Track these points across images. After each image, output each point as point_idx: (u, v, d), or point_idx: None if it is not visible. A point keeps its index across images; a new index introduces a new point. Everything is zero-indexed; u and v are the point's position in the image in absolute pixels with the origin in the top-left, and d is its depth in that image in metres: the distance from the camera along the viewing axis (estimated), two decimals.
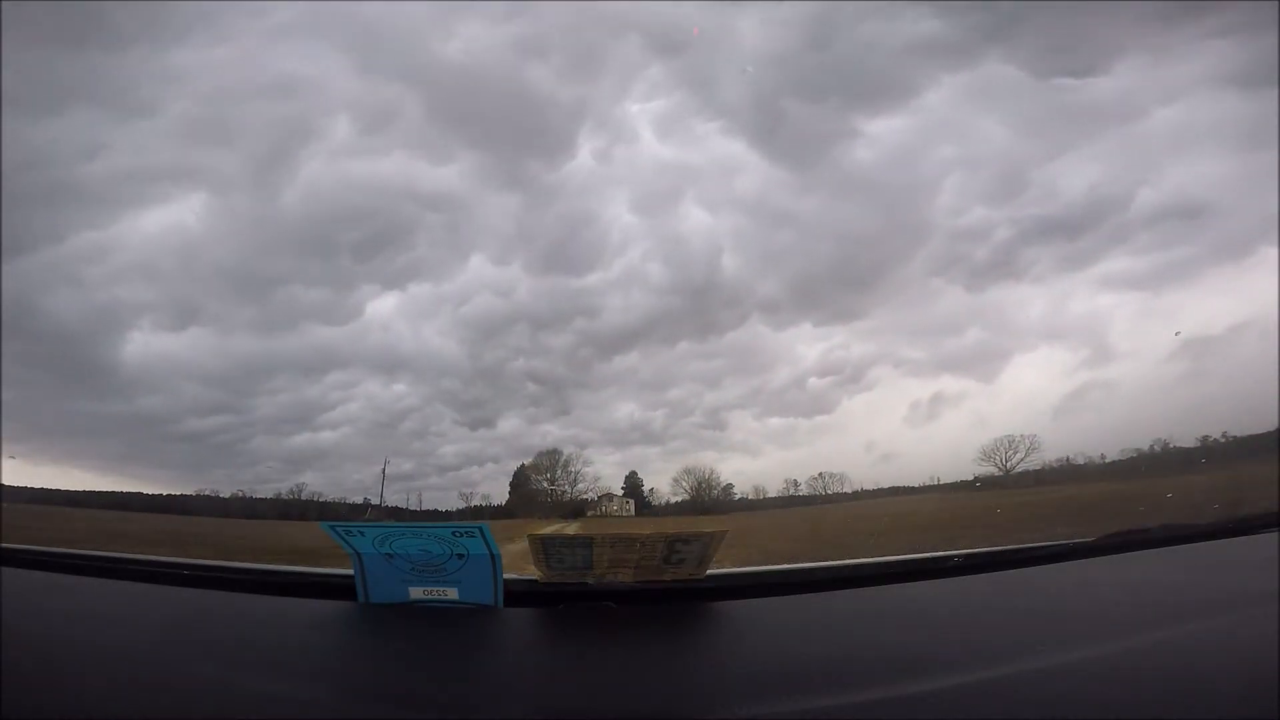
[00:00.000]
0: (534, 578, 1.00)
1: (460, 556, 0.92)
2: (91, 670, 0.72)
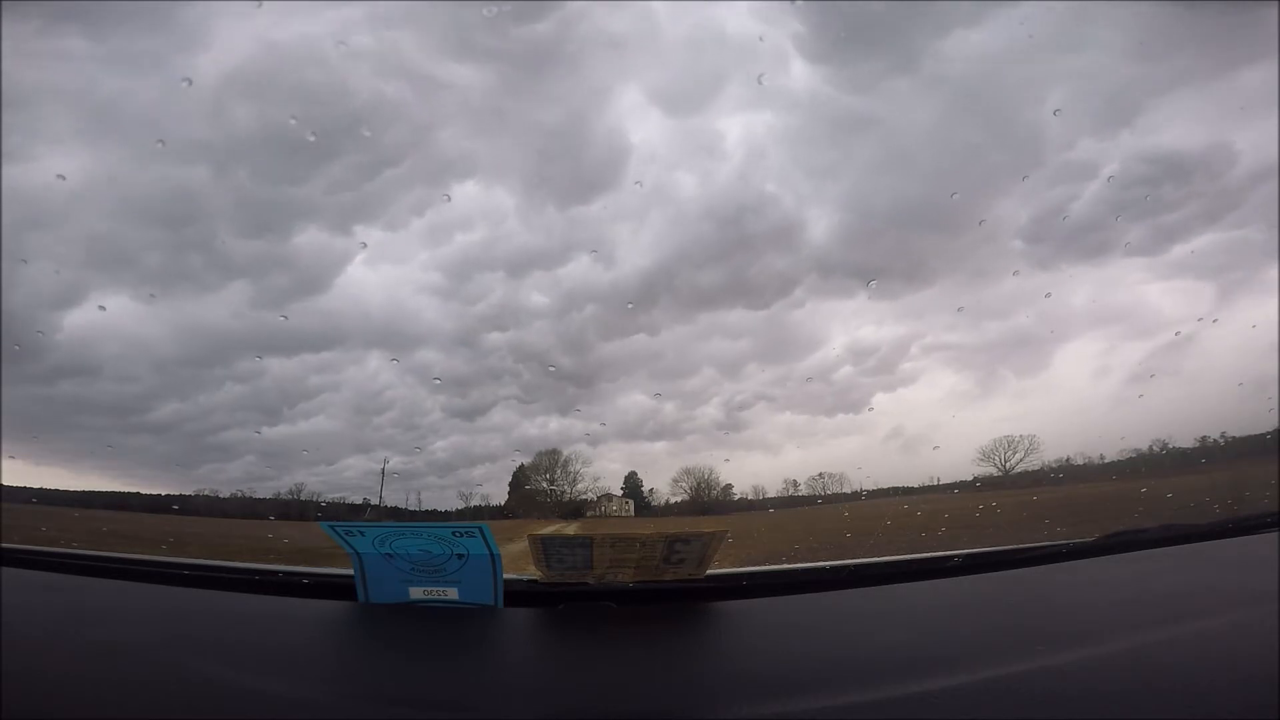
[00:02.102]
0: (534, 578, 1.00)
1: (460, 556, 0.92)
2: (91, 670, 0.72)
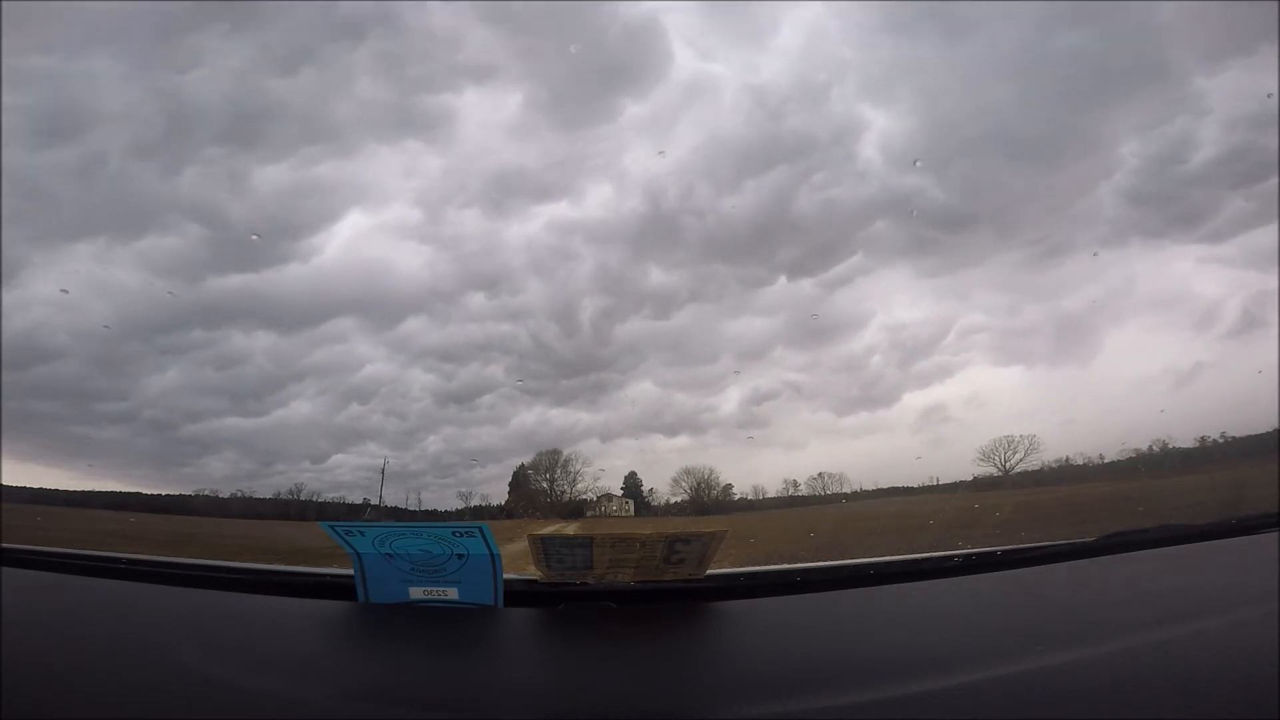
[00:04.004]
0: (534, 578, 1.00)
1: (460, 556, 0.92)
2: (91, 670, 0.72)
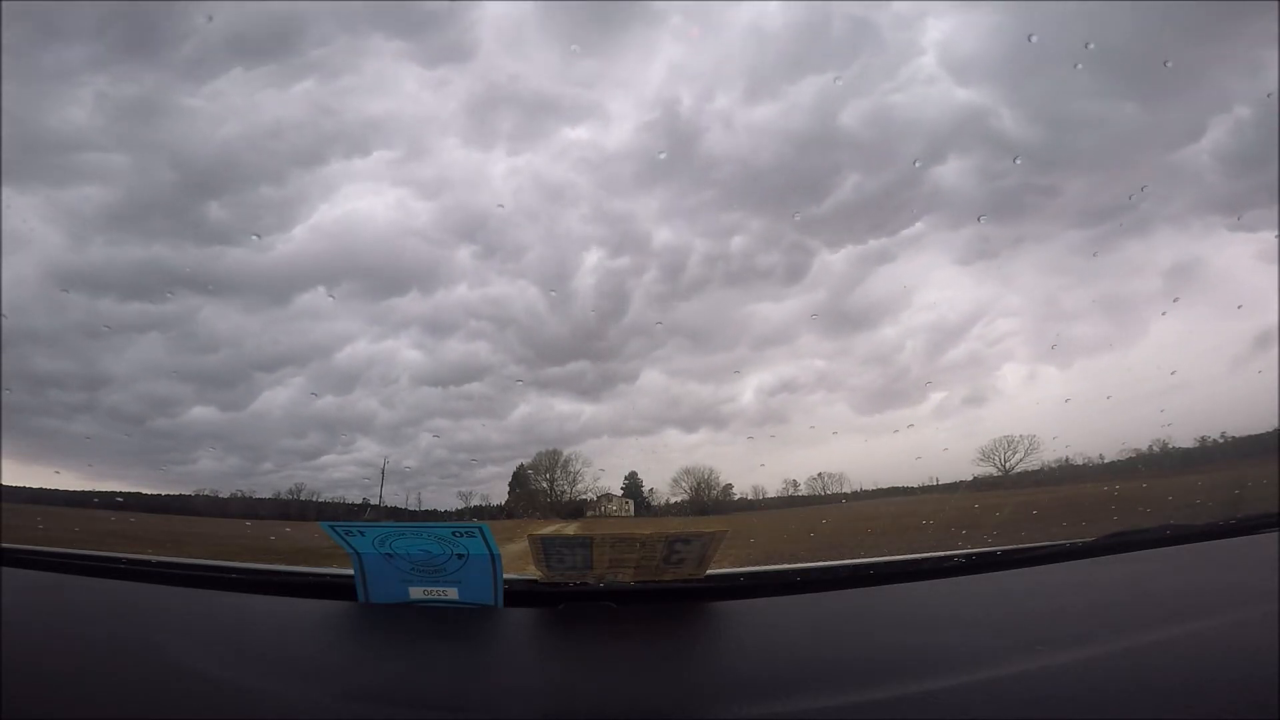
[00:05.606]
0: (534, 578, 1.00)
1: (460, 556, 0.92)
2: (91, 670, 0.72)
